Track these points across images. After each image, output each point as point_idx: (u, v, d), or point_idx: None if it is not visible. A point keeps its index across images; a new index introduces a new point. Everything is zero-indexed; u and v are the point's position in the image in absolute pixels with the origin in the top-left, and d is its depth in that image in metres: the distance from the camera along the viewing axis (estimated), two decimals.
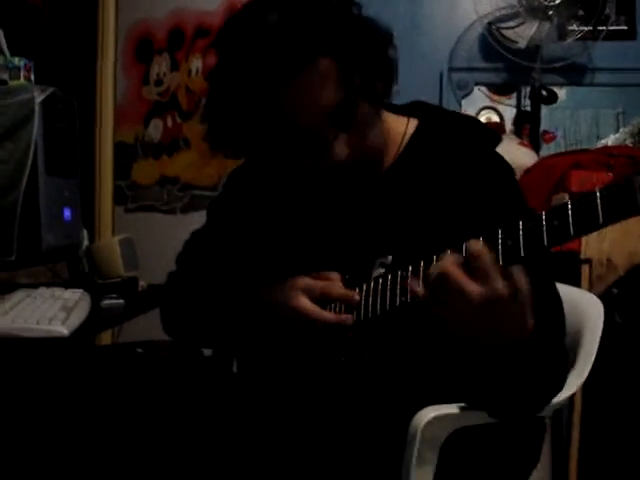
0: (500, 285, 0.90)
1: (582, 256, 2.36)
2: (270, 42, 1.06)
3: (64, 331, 1.52)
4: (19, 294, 1.74)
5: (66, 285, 2.03)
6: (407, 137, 1.27)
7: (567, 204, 0.88)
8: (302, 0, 1.11)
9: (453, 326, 0.98)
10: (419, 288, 0.99)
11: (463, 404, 1.17)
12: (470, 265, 0.91)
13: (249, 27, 1.10)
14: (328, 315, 1.15)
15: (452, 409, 1.17)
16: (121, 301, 1.93)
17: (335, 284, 1.17)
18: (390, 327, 1.16)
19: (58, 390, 1.99)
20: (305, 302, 1.15)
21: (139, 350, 2.18)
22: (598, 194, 0.84)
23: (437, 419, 1.14)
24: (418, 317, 1.08)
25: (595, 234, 2.36)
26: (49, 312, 1.58)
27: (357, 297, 1.15)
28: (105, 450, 1.84)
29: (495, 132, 1.32)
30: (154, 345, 2.18)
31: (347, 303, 1.15)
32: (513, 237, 0.93)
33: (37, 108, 1.96)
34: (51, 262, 2.27)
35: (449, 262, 0.94)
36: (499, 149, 1.29)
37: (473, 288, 0.91)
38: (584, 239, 2.37)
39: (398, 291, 1.09)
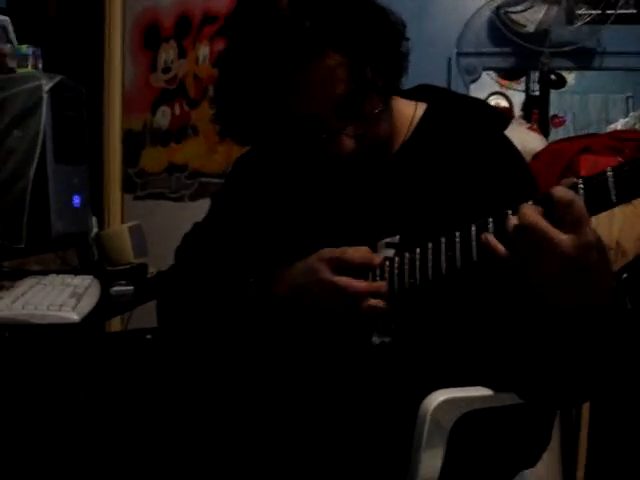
0: (591, 232, 0.88)
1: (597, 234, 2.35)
2: (280, 32, 1.06)
3: (74, 317, 1.53)
4: (29, 281, 1.75)
5: (76, 272, 2.04)
6: (416, 121, 1.27)
7: (577, 183, 0.87)
8: None
9: (538, 283, 0.95)
10: (499, 245, 0.95)
11: (480, 387, 1.16)
12: (558, 213, 0.88)
13: (258, 16, 1.10)
14: (362, 284, 1.12)
15: (462, 392, 1.16)
16: (130, 288, 1.93)
17: (357, 249, 1.14)
18: (423, 299, 1.14)
19: (69, 375, 2.00)
20: (333, 274, 1.12)
21: (148, 336, 2.19)
22: (610, 173, 0.84)
23: (446, 402, 1.14)
24: (458, 286, 1.07)
25: (604, 218, 2.35)
26: (59, 299, 1.59)
27: (378, 259, 1.13)
28: (114, 434, 1.85)
29: (503, 115, 1.31)
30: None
31: (367, 265, 1.13)
32: None
33: (45, 96, 1.97)
34: (61, 249, 2.28)
35: (533, 213, 0.90)
36: (508, 134, 1.28)
37: (563, 237, 0.88)
38: (594, 223, 2.36)
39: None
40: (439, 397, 1.15)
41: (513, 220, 0.92)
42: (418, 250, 1.09)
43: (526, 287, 0.97)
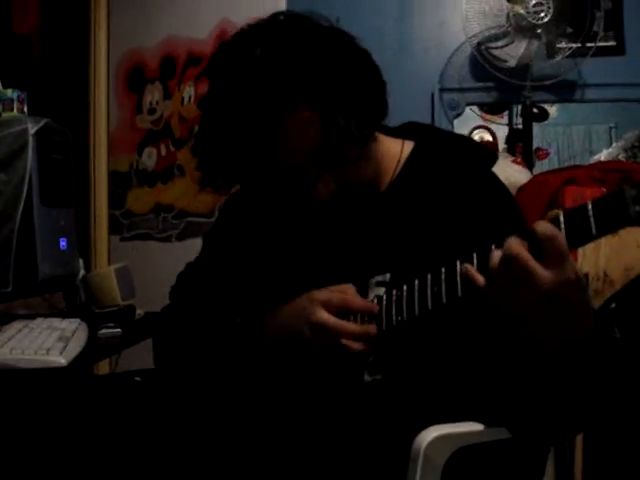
0: (570, 268, 0.88)
1: (579, 271, 2.35)
2: (252, 86, 1.07)
3: (62, 361, 1.51)
4: (16, 325, 1.74)
5: (63, 315, 2.03)
6: (403, 159, 1.28)
7: (560, 217, 0.88)
8: (287, 35, 1.11)
9: (516, 316, 0.95)
10: (478, 276, 0.95)
11: (472, 422, 1.16)
12: (542, 247, 0.88)
13: (232, 68, 1.11)
14: (352, 327, 1.12)
15: (454, 428, 1.16)
16: (118, 330, 1.92)
17: (354, 295, 1.15)
18: (412, 336, 1.14)
19: (57, 421, 1.97)
20: (326, 315, 1.12)
21: (137, 379, 2.17)
22: (590, 206, 0.85)
23: (439, 439, 1.14)
24: (446, 322, 1.07)
25: (590, 248, 2.36)
26: (47, 343, 1.58)
27: (378, 308, 1.13)
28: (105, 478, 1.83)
29: (491, 151, 1.32)
30: (153, 373, 2.16)
31: (369, 313, 1.13)
32: None
33: (31, 139, 1.97)
34: (48, 292, 2.26)
35: (516, 245, 0.90)
36: (493, 167, 1.29)
37: (544, 272, 0.88)
38: (580, 253, 2.37)
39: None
40: (432, 434, 1.14)
41: (497, 253, 0.93)
42: (405, 287, 1.10)
43: (508, 322, 0.97)
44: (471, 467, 1.19)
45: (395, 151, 1.29)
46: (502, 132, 4.12)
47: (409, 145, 1.30)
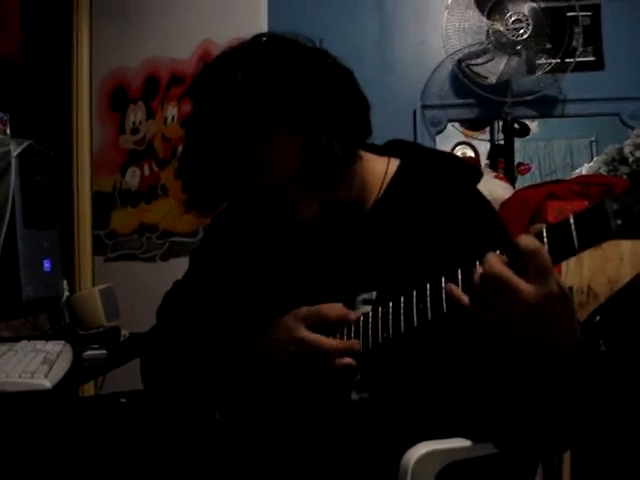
0: (554, 282, 0.88)
1: (563, 284, 2.36)
2: (232, 110, 1.07)
3: (47, 384, 1.50)
4: (1, 348, 1.72)
5: (47, 337, 2.01)
6: (389, 177, 1.28)
7: (542, 232, 0.88)
8: (268, 58, 1.11)
9: (502, 333, 0.95)
10: (463, 296, 0.95)
11: (459, 438, 1.16)
12: (524, 262, 0.88)
13: (213, 91, 1.11)
14: (335, 343, 1.12)
15: (443, 444, 1.16)
16: (103, 351, 1.91)
17: (330, 307, 1.15)
18: (398, 353, 1.14)
19: (42, 444, 1.96)
20: (309, 332, 1.13)
21: (123, 400, 2.16)
22: (572, 220, 0.85)
23: (428, 455, 1.14)
24: (432, 339, 1.07)
25: (574, 261, 2.37)
26: (31, 365, 1.57)
27: (354, 315, 1.13)
28: None
29: (476, 169, 1.33)
30: (138, 395, 2.15)
31: (345, 321, 1.14)
32: None
33: (14, 161, 1.96)
34: (32, 314, 2.25)
35: (498, 262, 0.90)
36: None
37: (526, 286, 0.88)
38: (564, 267, 2.38)
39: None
40: (420, 450, 1.14)
41: (479, 269, 0.93)
42: (391, 304, 1.10)
43: (494, 337, 0.97)
44: None
45: (380, 169, 1.29)
46: (484, 148, 4.14)
47: (394, 163, 1.30)
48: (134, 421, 1.99)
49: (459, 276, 0.99)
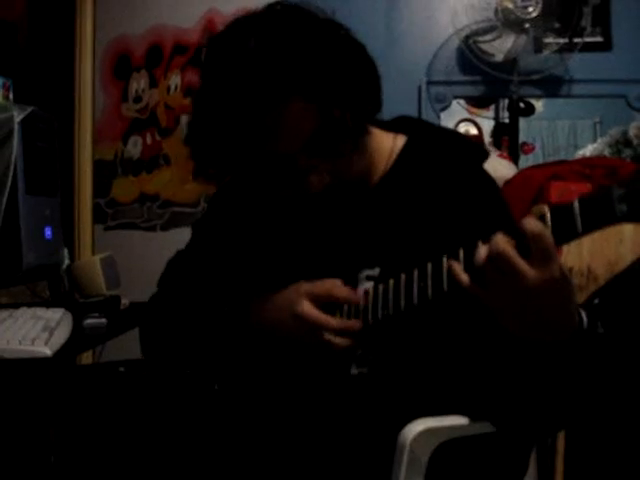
0: (557, 267, 0.89)
1: (564, 268, 2.37)
2: (246, 75, 1.06)
3: (47, 351, 1.50)
4: (1, 314, 1.72)
5: (47, 304, 2.01)
6: (396, 153, 1.28)
7: (546, 214, 0.88)
8: (281, 25, 1.10)
9: (502, 315, 0.96)
10: (463, 274, 0.96)
11: (457, 415, 1.17)
12: (528, 246, 0.88)
13: (227, 57, 1.10)
14: (335, 321, 1.12)
15: (440, 422, 1.17)
16: (103, 320, 1.91)
17: (339, 286, 1.14)
18: (398, 330, 1.14)
19: (41, 411, 1.97)
20: (310, 308, 1.12)
21: (121, 369, 2.16)
22: (577, 204, 0.85)
23: (425, 432, 1.14)
24: (431, 317, 1.08)
25: (574, 243, 2.37)
26: (31, 332, 1.57)
27: (361, 297, 1.13)
28: (89, 472, 1.82)
29: (483, 148, 1.32)
30: (137, 364, 2.16)
31: (352, 303, 1.14)
32: None
33: (17, 127, 1.95)
34: (32, 281, 2.25)
35: (505, 243, 0.90)
36: None
37: (529, 270, 0.89)
38: (565, 248, 2.38)
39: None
40: (417, 427, 1.14)
41: (483, 249, 0.93)
42: (392, 282, 1.10)
43: (492, 316, 0.97)
44: (456, 460, 1.20)
45: (387, 145, 1.28)
46: (487, 125, 4.12)
47: (401, 139, 1.30)
48: (133, 390, 2.00)
49: (461, 255, 0.99)
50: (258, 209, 1.32)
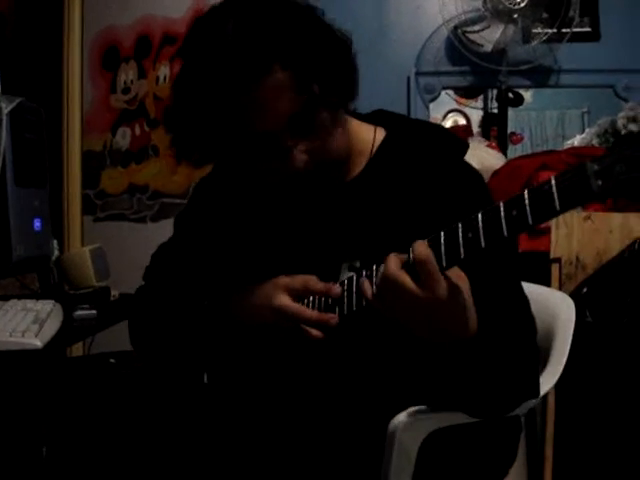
0: (442, 288, 0.94)
1: (552, 255, 2.39)
2: (226, 54, 1.07)
3: (38, 343, 1.50)
4: None
5: (37, 296, 2.01)
6: (376, 146, 1.28)
7: (524, 193, 0.89)
8: (260, 8, 1.11)
9: (402, 324, 1.01)
10: (369, 290, 1.03)
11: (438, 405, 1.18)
12: (415, 269, 0.95)
13: (206, 38, 1.11)
14: (311, 313, 1.14)
15: (429, 411, 1.17)
16: (94, 312, 1.91)
17: (315, 279, 1.16)
18: (365, 326, 1.16)
19: (32, 403, 1.96)
20: (288, 301, 1.15)
21: (112, 361, 2.17)
22: (553, 181, 0.86)
23: (415, 420, 1.15)
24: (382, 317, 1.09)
25: (564, 233, 2.39)
26: (22, 324, 1.57)
27: (338, 290, 1.14)
28: (80, 463, 1.83)
29: (462, 141, 1.32)
30: (127, 355, 2.16)
31: (328, 296, 1.15)
32: (473, 229, 0.94)
33: (5, 119, 1.94)
34: (21, 273, 2.25)
35: (392, 265, 0.98)
36: (468, 152, 1.30)
37: (417, 290, 0.95)
38: (553, 238, 2.40)
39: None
40: (406, 417, 1.15)
41: (381, 268, 1.00)
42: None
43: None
44: (446, 450, 1.21)
45: (367, 136, 1.29)
46: (476, 116, 4.13)
47: (381, 132, 1.30)
48: (123, 382, 2.00)
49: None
50: (239, 201, 1.32)
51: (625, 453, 2.17)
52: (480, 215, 0.93)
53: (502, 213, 0.91)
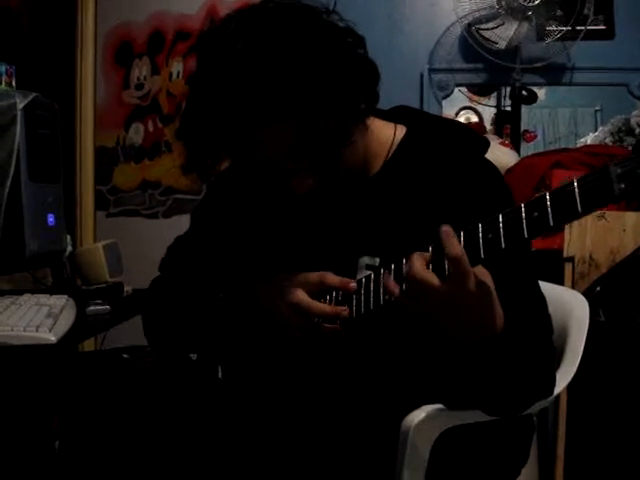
0: (473, 285, 0.94)
1: (565, 254, 2.38)
2: (230, 85, 1.06)
3: (52, 338, 1.51)
4: (4, 301, 1.73)
5: (50, 291, 2.02)
6: (396, 143, 1.27)
7: (546, 195, 0.89)
8: (272, 35, 1.07)
9: (429, 321, 1.01)
10: (395, 287, 1.01)
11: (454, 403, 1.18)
12: (440, 267, 0.96)
13: (213, 61, 1.10)
14: (324, 307, 1.15)
15: (443, 408, 1.17)
16: (107, 307, 1.92)
17: (331, 274, 1.16)
18: (381, 324, 1.16)
19: (45, 397, 1.97)
20: (302, 295, 1.15)
21: (125, 356, 2.17)
22: (576, 184, 0.85)
23: (428, 418, 1.15)
24: (404, 314, 1.08)
25: (577, 232, 2.38)
26: (35, 319, 1.57)
27: (354, 284, 1.14)
28: (92, 456, 1.84)
29: (484, 138, 1.32)
30: (140, 350, 2.17)
31: (344, 290, 1.15)
32: (494, 230, 0.94)
33: (19, 114, 1.95)
34: (35, 268, 2.25)
35: (419, 264, 0.97)
36: None
37: (444, 287, 0.95)
38: (567, 237, 2.39)
39: (382, 289, 1.10)
40: (421, 413, 1.15)
41: (405, 267, 1.00)
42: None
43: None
44: (458, 449, 1.21)
45: (387, 135, 1.28)
46: (488, 113, 4.11)
47: (401, 130, 1.29)
48: (136, 377, 2.01)
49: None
50: (257, 195, 1.32)
51: (637, 453, 2.16)
52: (501, 216, 0.94)
53: (523, 214, 0.91)
